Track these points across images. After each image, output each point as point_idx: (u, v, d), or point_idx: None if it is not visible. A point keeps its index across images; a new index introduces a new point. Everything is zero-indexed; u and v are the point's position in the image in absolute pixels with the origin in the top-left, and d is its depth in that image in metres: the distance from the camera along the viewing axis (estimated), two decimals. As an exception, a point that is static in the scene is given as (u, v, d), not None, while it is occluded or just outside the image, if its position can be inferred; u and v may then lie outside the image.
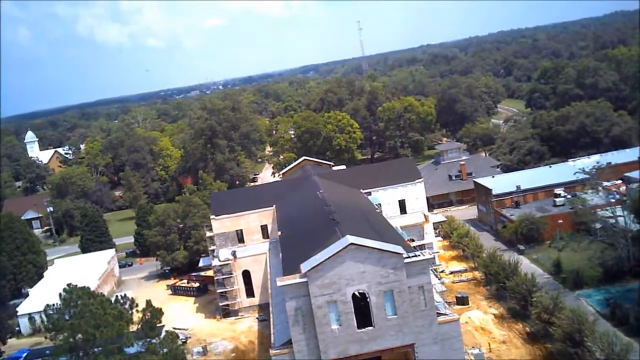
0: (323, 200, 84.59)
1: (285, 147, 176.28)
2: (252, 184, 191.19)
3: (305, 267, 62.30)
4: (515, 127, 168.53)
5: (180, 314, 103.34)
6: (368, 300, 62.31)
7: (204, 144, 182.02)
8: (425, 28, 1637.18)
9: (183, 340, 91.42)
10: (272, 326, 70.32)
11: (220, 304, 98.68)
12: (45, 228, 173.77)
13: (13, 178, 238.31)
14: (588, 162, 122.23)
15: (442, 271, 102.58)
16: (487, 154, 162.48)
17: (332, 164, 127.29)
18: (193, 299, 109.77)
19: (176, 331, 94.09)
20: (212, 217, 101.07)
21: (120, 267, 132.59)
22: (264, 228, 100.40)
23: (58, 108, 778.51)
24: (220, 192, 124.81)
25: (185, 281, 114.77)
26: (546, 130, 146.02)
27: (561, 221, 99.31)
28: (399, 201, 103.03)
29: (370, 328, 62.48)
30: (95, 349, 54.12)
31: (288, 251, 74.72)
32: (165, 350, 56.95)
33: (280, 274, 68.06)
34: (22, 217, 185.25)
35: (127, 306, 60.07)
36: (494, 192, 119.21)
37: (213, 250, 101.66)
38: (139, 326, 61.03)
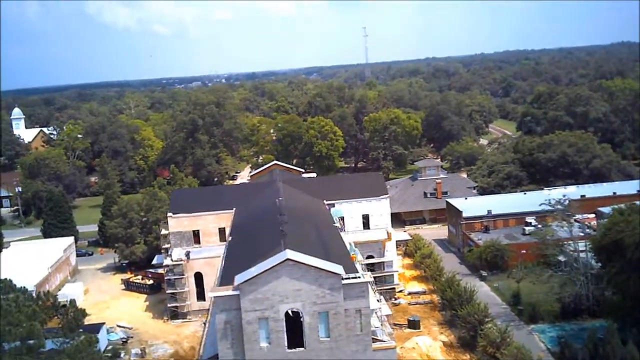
0: (279, 209, 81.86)
1: (266, 148, 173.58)
2: (231, 182, 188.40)
3: (238, 279, 59.66)
4: (498, 150, 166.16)
5: (128, 311, 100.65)
6: (301, 319, 59.72)
7: (185, 137, 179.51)
8: (433, 40, 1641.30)
9: (124, 340, 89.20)
10: (204, 336, 67.67)
11: (169, 305, 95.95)
12: (15, 208, 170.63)
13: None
14: (564, 192, 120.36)
15: (400, 291, 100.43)
16: (467, 175, 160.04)
17: (302, 170, 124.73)
18: (145, 296, 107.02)
19: (119, 329, 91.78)
20: (169, 214, 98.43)
21: (79, 255, 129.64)
22: (221, 231, 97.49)
23: (59, 86, 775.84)
24: (181, 189, 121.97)
25: (140, 277, 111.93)
26: (527, 156, 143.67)
27: (524, 251, 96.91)
28: (363, 216, 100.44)
29: (302, 349, 59.79)
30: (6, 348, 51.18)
31: (230, 259, 72.01)
32: (83, 354, 53.96)
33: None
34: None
35: (49, 304, 56.87)
36: (464, 215, 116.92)
37: (167, 249, 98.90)
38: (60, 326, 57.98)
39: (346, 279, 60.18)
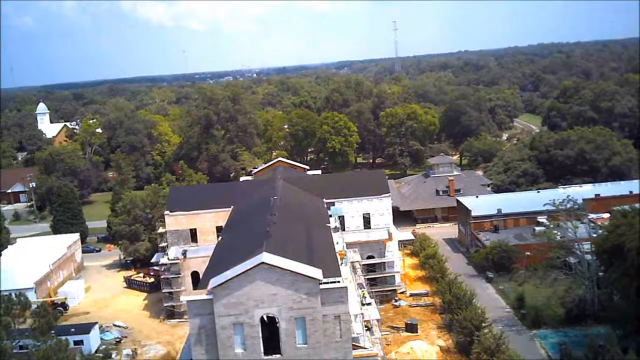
0: (271, 208, 79.86)
1: (280, 144, 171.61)
2: (248, 177, 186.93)
3: (213, 282, 57.89)
4: (515, 146, 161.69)
5: (126, 310, 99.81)
6: (278, 325, 57.68)
7: (200, 132, 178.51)
8: (466, 34, 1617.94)
9: (117, 340, 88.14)
10: (185, 340, 66.06)
11: (165, 304, 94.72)
12: (31, 203, 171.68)
13: (15, 149, 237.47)
14: (579, 190, 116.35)
15: (401, 292, 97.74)
16: (483, 172, 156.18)
17: (307, 167, 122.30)
18: (145, 294, 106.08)
19: (115, 329, 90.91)
20: (166, 212, 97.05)
21: (86, 252, 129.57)
22: (219, 229, 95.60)
23: (94, 81, 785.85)
24: (180, 187, 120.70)
25: (142, 275, 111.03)
26: (544, 153, 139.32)
27: (529, 253, 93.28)
28: (364, 215, 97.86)
29: (278, 356, 57.86)
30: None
31: (214, 260, 70.22)
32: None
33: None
34: (10, 190, 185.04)
35: (19, 306, 55.69)
36: (473, 213, 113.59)
37: (164, 247, 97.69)
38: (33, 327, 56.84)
39: (324, 283, 58.04)
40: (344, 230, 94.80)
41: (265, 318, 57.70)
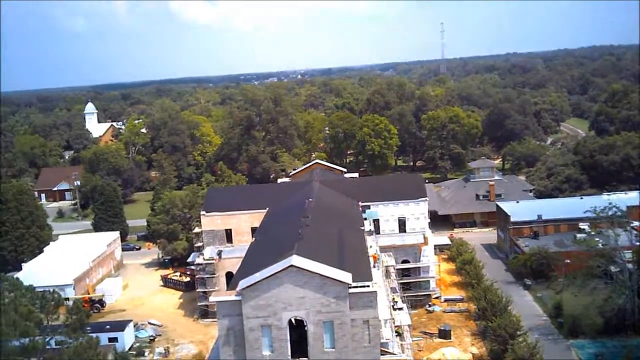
0: (305, 210, 79.79)
1: (319, 145, 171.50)
2: (286, 179, 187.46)
3: (242, 284, 58.04)
4: (559, 151, 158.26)
5: (161, 308, 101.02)
6: (306, 328, 57.49)
7: (240, 133, 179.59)
8: (515, 36, 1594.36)
9: (152, 338, 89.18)
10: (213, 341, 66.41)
11: (199, 304, 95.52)
12: (75, 201, 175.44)
13: (63, 147, 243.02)
14: (624, 197, 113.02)
15: (436, 297, 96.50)
16: (526, 177, 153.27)
17: (344, 170, 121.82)
18: (180, 293, 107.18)
19: (150, 327, 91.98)
20: (202, 213, 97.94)
21: (126, 250, 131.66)
22: (254, 230, 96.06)
23: (142, 82, 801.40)
24: (217, 188, 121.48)
25: (178, 274, 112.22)
26: (588, 158, 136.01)
27: (568, 260, 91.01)
28: (399, 218, 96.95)
29: (305, 359, 57.67)
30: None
31: (246, 261, 70.37)
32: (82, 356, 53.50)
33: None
34: (56, 188, 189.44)
35: (52, 303, 56.74)
36: (512, 219, 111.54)
37: (200, 247, 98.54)
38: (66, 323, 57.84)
39: (353, 287, 57.58)
40: (378, 233, 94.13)
41: (294, 321, 57.55)
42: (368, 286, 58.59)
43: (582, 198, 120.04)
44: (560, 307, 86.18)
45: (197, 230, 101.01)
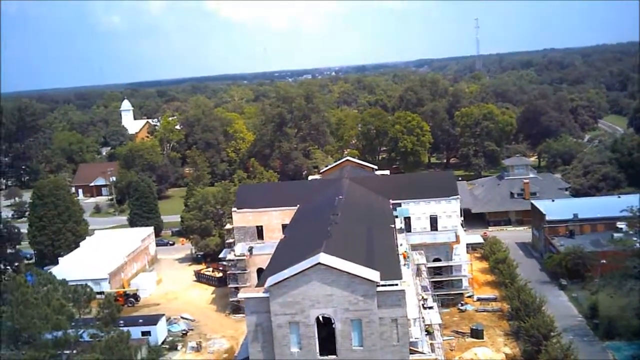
0: (335, 207, 79.59)
1: (351, 142, 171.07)
2: (317, 176, 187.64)
3: (270, 281, 58.07)
4: (596, 149, 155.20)
5: (194, 303, 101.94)
6: (333, 326, 57.31)
7: (273, 130, 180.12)
8: (552, 31, 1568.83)
9: (184, 332, 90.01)
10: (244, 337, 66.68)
11: (231, 299, 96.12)
12: (111, 196, 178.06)
13: (100, 144, 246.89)
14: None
15: (469, 296, 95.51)
16: (562, 175, 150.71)
17: (375, 167, 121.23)
18: (213, 288, 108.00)
19: (182, 321, 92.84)
20: (233, 209, 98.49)
21: (160, 245, 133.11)
22: (285, 227, 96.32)
23: (179, 79, 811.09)
24: (248, 185, 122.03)
25: (211, 269, 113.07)
26: (626, 156, 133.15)
27: (604, 260, 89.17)
28: (430, 216, 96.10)
29: (333, 357, 57.42)
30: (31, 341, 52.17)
31: (275, 258, 70.50)
32: (113, 350, 54.13)
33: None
34: (93, 183, 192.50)
35: (85, 297, 57.53)
36: (547, 218, 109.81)
37: (231, 243, 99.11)
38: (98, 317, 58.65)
39: (382, 285, 57.19)
40: (409, 231, 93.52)
41: (322, 319, 57.43)
42: (396, 284, 58.08)
43: (619, 197, 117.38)
44: (595, 308, 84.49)
45: (228, 226, 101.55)
